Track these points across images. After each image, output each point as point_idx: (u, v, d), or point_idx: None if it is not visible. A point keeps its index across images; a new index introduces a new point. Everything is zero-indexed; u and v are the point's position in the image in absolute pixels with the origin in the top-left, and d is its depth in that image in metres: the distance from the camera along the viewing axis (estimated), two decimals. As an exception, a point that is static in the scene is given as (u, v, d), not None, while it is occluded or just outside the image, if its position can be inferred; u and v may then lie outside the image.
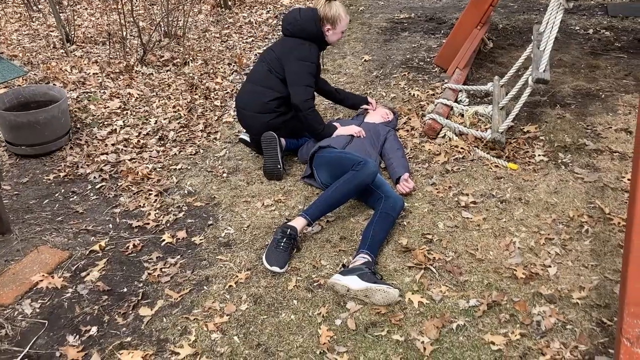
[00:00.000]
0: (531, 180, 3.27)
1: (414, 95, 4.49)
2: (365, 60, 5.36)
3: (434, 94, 4.49)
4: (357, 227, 2.97)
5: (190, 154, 3.84)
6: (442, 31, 6.07)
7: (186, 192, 3.41)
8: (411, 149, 3.69)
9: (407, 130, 3.92)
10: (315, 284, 2.58)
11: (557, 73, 4.70)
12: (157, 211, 3.22)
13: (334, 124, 3.57)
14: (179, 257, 2.84)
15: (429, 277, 2.59)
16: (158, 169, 3.66)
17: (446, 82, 4.43)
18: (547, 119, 3.94)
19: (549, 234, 2.81)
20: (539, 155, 3.49)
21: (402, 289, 2.50)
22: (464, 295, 2.47)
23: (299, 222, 2.79)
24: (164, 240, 2.96)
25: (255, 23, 6.82)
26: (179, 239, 2.98)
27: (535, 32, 3.75)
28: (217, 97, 4.69)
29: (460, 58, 4.59)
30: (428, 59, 5.29)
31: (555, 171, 3.35)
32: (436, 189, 3.25)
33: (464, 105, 4.08)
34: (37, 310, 2.52)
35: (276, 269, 2.64)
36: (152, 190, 3.40)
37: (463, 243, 2.80)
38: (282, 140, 3.53)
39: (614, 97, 4.21)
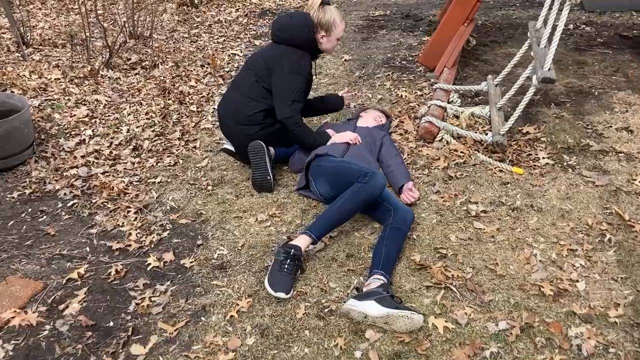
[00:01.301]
0: (540, 185, 3.09)
1: (401, 96, 4.28)
2: (345, 60, 5.13)
3: (422, 95, 4.30)
4: (364, 242, 2.73)
5: (169, 165, 3.53)
6: (421, 28, 5.90)
7: (169, 208, 3.11)
8: (408, 154, 3.47)
9: (401, 134, 3.70)
10: (326, 310, 2.33)
11: (545, 70, 4.56)
12: (139, 231, 2.91)
13: (327, 130, 3.32)
14: (168, 283, 2.55)
15: (450, 297, 2.37)
16: (135, 183, 3.35)
17: (435, 82, 4.24)
18: (544, 118, 3.78)
19: (570, 245, 2.62)
20: (543, 157, 3.32)
21: (424, 313, 2.27)
22: (491, 317, 2.25)
23: (302, 241, 2.53)
24: (149, 264, 2.66)
25: (225, 22, 6.50)
26: (166, 262, 2.69)
27: (531, 29, 3.59)
28: (192, 101, 4.38)
29: (447, 57, 4.41)
30: (410, 58, 5.09)
31: (563, 175, 3.18)
32: (441, 197, 3.04)
33: (458, 106, 3.88)
34: (10, 353, 2.19)
35: (281, 294, 2.37)
36: (130, 207, 3.09)
37: (480, 257, 2.59)
38: (271, 149, 3.26)
39: (608, 95, 4.09)
